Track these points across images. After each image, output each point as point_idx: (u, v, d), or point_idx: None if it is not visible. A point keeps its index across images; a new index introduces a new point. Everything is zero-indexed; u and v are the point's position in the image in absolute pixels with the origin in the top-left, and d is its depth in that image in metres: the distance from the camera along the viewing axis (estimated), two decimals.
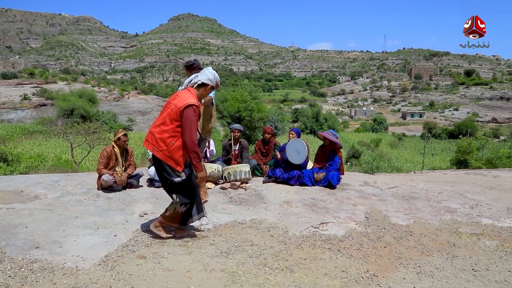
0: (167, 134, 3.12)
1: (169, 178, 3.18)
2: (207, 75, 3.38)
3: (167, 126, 3.12)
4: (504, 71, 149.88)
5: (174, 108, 3.12)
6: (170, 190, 3.27)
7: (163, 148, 3.11)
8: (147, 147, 3.23)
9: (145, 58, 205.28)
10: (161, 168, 3.19)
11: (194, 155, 3.14)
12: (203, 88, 3.37)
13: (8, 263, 2.73)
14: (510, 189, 5.68)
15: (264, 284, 2.57)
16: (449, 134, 66.51)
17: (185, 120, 3.09)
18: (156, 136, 3.15)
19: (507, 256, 3.29)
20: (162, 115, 3.21)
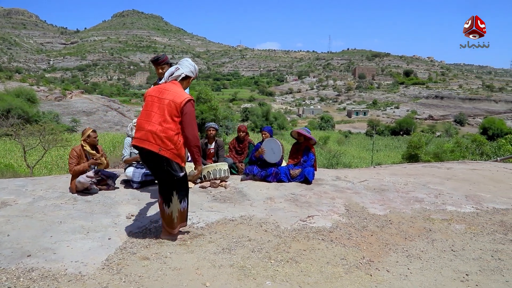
0: (172, 132, 3.03)
1: (175, 175, 3.12)
2: (188, 67, 3.31)
3: (169, 123, 3.04)
4: (438, 72, 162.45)
5: (172, 104, 3.04)
6: (171, 187, 3.17)
7: (171, 147, 3.03)
8: (151, 148, 3.03)
9: (87, 55, 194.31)
10: (167, 166, 3.08)
11: (197, 149, 3.14)
12: (186, 81, 3.34)
13: (2, 274, 2.57)
14: (463, 179, 6.29)
15: (275, 275, 2.67)
16: (391, 131, 70.90)
17: (187, 115, 3.06)
18: (160, 135, 3.02)
19: (476, 237, 3.69)
20: (155, 111, 3.07)
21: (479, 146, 11.89)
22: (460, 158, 11.18)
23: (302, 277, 2.66)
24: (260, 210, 4.27)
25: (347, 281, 2.64)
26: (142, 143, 3.08)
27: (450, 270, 2.91)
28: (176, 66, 3.30)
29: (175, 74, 3.25)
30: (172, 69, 3.30)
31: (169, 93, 3.10)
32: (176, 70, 3.26)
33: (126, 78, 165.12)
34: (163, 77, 4.19)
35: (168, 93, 3.10)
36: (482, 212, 4.54)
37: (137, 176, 5.04)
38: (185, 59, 3.37)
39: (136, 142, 3.12)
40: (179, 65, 3.31)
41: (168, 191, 3.19)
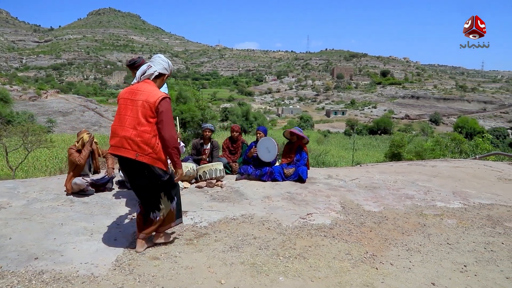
0: (148, 134, 2.81)
1: (159, 179, 2.92)
2: (161, 64, 3.07)
3: (144, 126, 2.80)
4: (414, 72, 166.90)
5: (146, 104, 2.80)
6: (158, 191, 2.98)
7: (149, 151, 2.80)
8: (127, 154, 2.79)
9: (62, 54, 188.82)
10: (148, 173, 2.86)
11: (175, 151, 2.91)
12: (160, 79, 3.09)
13: (13, 277, 2.53)
14: (449, 176, 6.56)
15: (287, 271, 2.75)
16: (369, 130, 72.31)
17: (162, 114, 2.83)
18: (136, 140, 2.78)
19: (467, 231, 3.89)
20: (129, 114, 2.84)
21: (458, 144, 12.40)
22: (440, 156, 11.59)
23: (312, 272, 2.75)
24: (259, 209, 4.34)
25: (355, 275, 2.74)
26: (118, 150, 2.85)
27: (449, 262, 3.06)
28: (148, 64, 3.06)
29: (147, 72, 3.00)
30: (144, 67, 3.04)
31: (142, 94, 2.86)
32: (148, 68, 3.02)
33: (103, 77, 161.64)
34: None
35: (141, 93, 2.87)
36: (469, 208, 4.76)
37: None
38: (157, 55, 3.14)
39: (112, 150, 2.90)
40: (151, 62, 3.08)
41: (156, 195, 2.99)
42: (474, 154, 11.74)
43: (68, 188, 4.64)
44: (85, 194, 4.63)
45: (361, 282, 2.64)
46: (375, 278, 2.71)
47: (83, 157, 4.66)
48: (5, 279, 2.51)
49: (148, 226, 3.03)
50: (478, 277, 2.81)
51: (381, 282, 2.66)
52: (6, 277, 2.53)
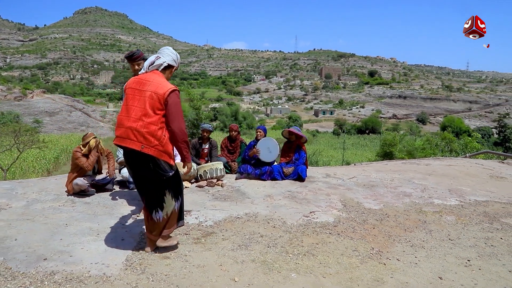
0: (154, 126, 2.73)
1: (164, 174, 2.83)
2: (170, 55, 3.01)
3: (151, 117, 2.73)
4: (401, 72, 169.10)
5: (154, 96, 2.74)
6: (162, 187, 2.89)
7: (155, 143, 2.72)
8: (132, 146, 2.72)
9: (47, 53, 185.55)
10: (154, 166, 2.78)
11: (185, 145, 2.86)
12: (169, 71, 3.02)
13: (24, 278, 2.51)
14: (443, 174, 6.69)
15: (298, 268, 2.78)
16: (358, 129, 73.00)
17: (172, 106, 2.77)
18: (142, 131, 2.70)
19: (467, 227, 3.99)
20: (136, 105, 2.77)
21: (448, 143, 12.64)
22: (431, 155, 11.80)
23: (322, 269, 2.79)
24: (262, 208, 4.37)
25: (365, 270, 2.80)
26: (123, 141, 2.77)
27: (453, 257, 3.14)
28: (157, 55, 3.00)
29: (156, 63, 2.94)
30: (152, 58, 2.98)
31: (151, 84, 2.79)
32: (157, 59, 2.96)
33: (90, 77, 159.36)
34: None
35: (150, 84, 2.80)
36: (466, 204, 4.87)
37: None
38: (166, 47, 3.10)
39: (117, 141, 2.81)
40: (160, 54, 3.01)
41: (160, 192, 2.90)
42: (464, 153, 11.99)
43: (69, 188, 4.59)
44: (86, 194, 4.59)
45: (371, 277, 2.69)
46: (384, 273, 2.77)
47: (91, 163, 4.62)
48: (16, 280, 2.48)
49: (153, 227, 2.96)
50: (482, 271, 2.89)
51: (391, 277, 2.72)
52: (17, 278, 2.51)
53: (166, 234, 3.01)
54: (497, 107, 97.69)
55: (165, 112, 2.77)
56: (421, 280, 2.69)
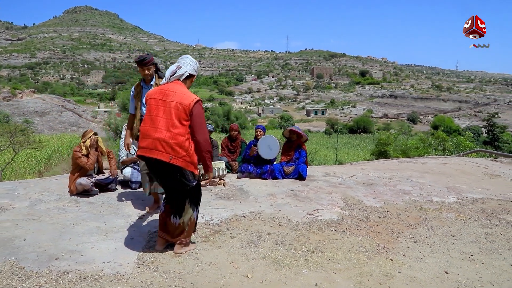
0: (182, 137, 2.75)
1: (188, 184, 2.86)
2: (191, 64, 3.05)
3: (178, 128, 2.74)
4: (392, 72, 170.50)
5: (180, 106, 2.75)
6: (184, 196, 2.93)
7: (183, 154, 2.74)
8: (161, 157, 2.72)
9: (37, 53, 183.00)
10: (180, 176, 2.81)
11: (208, 155, 2.91)
12: (190, 80, 3.06)
13: (38, 278, 2.52)
14: (439, 172, 6.82)
15: (308, 264, 2.84)
16: (349, 129, 73.49)
17: (197, 117, 2.79)
18: (170, 142, 2.72)
19: (466, 223, 4.09)
20: (161, 116, 2.78)
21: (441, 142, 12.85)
22: (425, 154, 11.98)
23: (332, 264, 2.85)
24: (266, 206, 4.41)
25: (373, 266, 2.87)
26: (150, 152, 2.76)
27: (456, 252, 3.23)
28: (177, 65, 3.02)
29: (177, 73, 2.96)
30: (173, 67, 3.00)
31: (175, 95, 2.81)
32: (178, 68, 2.98)
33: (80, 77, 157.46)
34: (150, 79, 4.07)
35: (174, 94, 2.81)
36: (464, 202, 4.98)
37: (135, 177, 5.00)
38: (186, 56, 3.10)
39: (143, 152, 2.80)
40: (180, 63, 3.04)
41: (181, 201, 2.94)
42: (457, 152, 12.19)
43: (72, 188, 4.59)
44: (89, 194, 4.59)
45: (380, 272, 2.76)
46: (392, 268, 2.84)
47: (92, 162, 4.63)
48: (31, 280, 2.50)
49: (168, 229, 3.00)
50: (485, 265, 2.98)
51: (398, 272, 2.79)
52: (31, 278, 2.52)
53: (185, 242, 3.02)
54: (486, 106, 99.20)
55: (190, 122, 2.80)
56: (428, 275, 2.76)
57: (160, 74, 4.20)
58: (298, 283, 2.54)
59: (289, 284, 2.52)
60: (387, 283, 2.60)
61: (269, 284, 2.52)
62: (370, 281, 2.62)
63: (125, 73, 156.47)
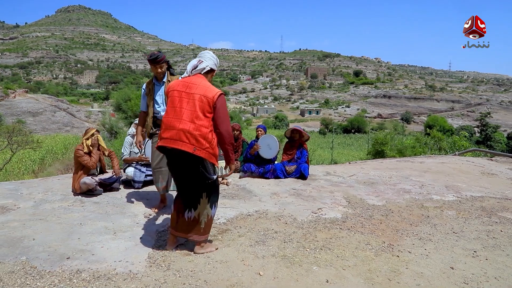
0: (206, 129, 2.79)
1: (208, 177, 2.90)
2: (212, 59, 3.10)
3: (202, 120, 2.78)
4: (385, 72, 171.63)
5: (204, 99, 2.79)
6: (202, 189, 2.92)
7: (206, 146, 2.78)
8: (185, 148, 2.74)
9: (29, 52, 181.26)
10: (202, 168, 2.83)
11: (231, 147, 2.96)
12: (210, 74, 3.11)
13: (52, 277, 2.54)
14: (438, 171, 6.91)
15: (318, 261, 2.89)
16: (344, 129, 73.80)
17: (220, 110, 2.84)
18: (194, 134, 2.75)
19: (468, 220, 4.16)
20: (185, 108, 2.81)
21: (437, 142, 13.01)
22: (421, 153, 12.11)
23: (341, 262, 2.90)
24: (271, 205, 4.46)
25: (380, 262, 2.92)
26: (174, 143, 2.78)
27: (460, 249, 3.30)
28: (199, 59, 3.07)
29: (199, 67, 3.01)
30: (194, 62, 3.06)
31: (198, 88, 2.85)
32: (200, 63, 3.03)
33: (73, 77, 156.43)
34: (162, 76, 4.09)
35: (197, 87, 2.86)
36: (463, 200, 5.07)
37: (138, 176, 5.02)
38: (206, 52, 3.15)
39: (166, 143, 2.82)
40: (201, 58, 3.08)
41: (197, 194, 2.94)
42: (453, 151, 12.33)
43: (76, 187, 4.59)
44: (93, 194, 4.60)
45: (388, 268, 2.82)
46: (399, 264, 2.90)
47: (94, 161, 4.65)
48: (44, 279, 2.51)
49: (181, 226, 3.01)
50: (489, 261, 3.05)
51: (406, 268, 2.85)
52: (45, 277, 2.54)
53: (202, 240, 3.02)
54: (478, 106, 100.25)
55: (213, 115, 2.84)
56: (435, 270, 2.82)
57: (171, 71, 4.21)
58: (310, 280, 2.58)
59: (301, 281, 2.56)
60: (396, 279, 2.65)
61: (281, 280, 2.56)
62: (379, 277, 2.67)
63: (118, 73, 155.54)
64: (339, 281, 2.58)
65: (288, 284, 2.52)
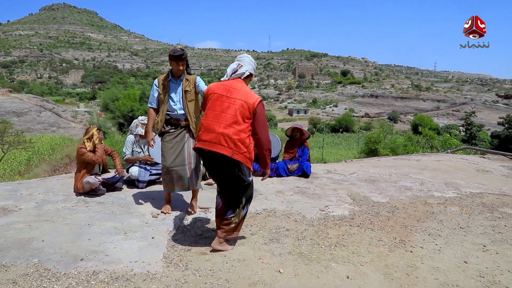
0: (244, 134, 2.84)
1: (245, 180, 2.96)
2: (251, 64, 3.13)
3: (241, 125, 2.84)
4: (372, 72, 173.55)
5: (245, 104, 2.85)
6: (240, 191, 2.99)
7: (244, 150, 2.84)
8: (224, 151, 2.79)
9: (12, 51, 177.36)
10: (238, 171, 2.88)
11: (268, 152, 3.02)
12: (248, 79, 3.14)
13: (68, 279, 2.48)
14: (435, 169, 7.02)
15: (335, 258, 2.90)
16: (332, 128, 74.32)
17: (260, 116, 2.90)
18: (233, 138, 2.80)
19: (471, 216, 4.23)
20: (226, 112, 2.85)
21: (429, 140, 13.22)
22: (413, 151, 12.29)
23: (357, 258, 2.92)
24: (278, 203, 4.46)
25: (396, 258, 2.95)
26: (213, 146, 2.82)
27: (469, 243, 3.35)
28: (238, 63, 3.09)
29: (239, 71, 3.04)
30: (233, 65, 3.09)
31: (239, 93, 2.91)
32: (239, 67, 3.06)
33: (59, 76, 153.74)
34: (180, 74, 3.98)
35: (238, 92, 2.91)
36: (464, 196, 5.15)
37: (142, 176, 4.95)
38: (245, 55, 3.18)
39: (205, 145, 2.86)
40: (240, 62, 3.10)
41: (237, 197, 3.01)
42: (444, 149, 12.55)
43: (79, 187, 4.51)
44: (96, 194, 4.52)
45: (404, 263, 2.84)
46: (414, 260, 2.93)
47: (99, 155, 4.58)
48: (61, 281, 2.46)
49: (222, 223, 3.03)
50: (500, 255, 3.11)
51: (421, 263, 2.88)
52: (61, 279, 2.48)
53: (232, 237, 3.06)
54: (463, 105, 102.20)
55: (252, 121, 2.90)
56: (449, 265, 2.86)
57: (188, 70, 4.12)
58: (330, 276, 2.59)
59: (322, 278, 2.57)
60: (414, 274, 2.68)
61: (302, 277, 2.56)
62: (397, 272, 2.70)
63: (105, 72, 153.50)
64: (359, 277, 2.59)
65: (310, 281, 2.52)
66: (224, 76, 3.12)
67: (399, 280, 2.57)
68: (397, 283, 2.54)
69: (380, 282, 2.54)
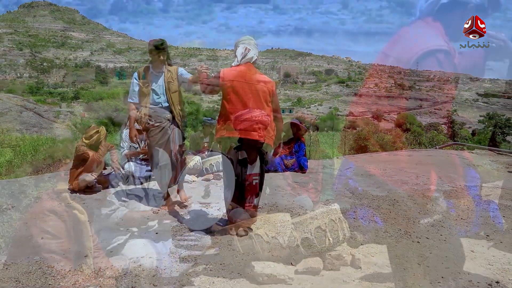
0: (270, 118, 2.92)
1: (267, 163, 3.15)
2: (256, 48, 3.11)
3: (266, 109, 2.91)
4: (356, 71, 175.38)
5: (265, 89, 2.91)
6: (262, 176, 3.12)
7: (272, 134, 2.96)
8: (258, 138, 2.87)
9: None
10: (265, 156, 3.03)
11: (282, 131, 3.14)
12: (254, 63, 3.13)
13: (74, 276, 2.45)
14: (428, 163, 7.11)
15: (344, 249, 2.90)
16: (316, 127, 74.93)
17: (276, 97, 3.01)
18: (264, 124, 2.89)
19: (470, 208, 4.29)
20: (250, 98, 2.88)
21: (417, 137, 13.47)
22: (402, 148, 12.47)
23: (367, 249, 2.92)
24: (278, 197, 4.42)
25: (404, 248, 2.95)
26: (249, 134, 2.87)
27: (473, 233, 3.39)
28: (245, 46, 3.03)
29: (248, 55, 3.01)
30: (241, 50, 3.03)
31: (256, 78, 2.95)
32: (248, 51, 3.02)
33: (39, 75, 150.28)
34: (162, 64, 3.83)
35: (255, 77, 2.94)
36: (459, 189, 5.21)
37: (139, 171, 4.85)
38: (249, 38, 3.12)
39: (242, 134, 2.90)
40: (247, 45, 3.05)
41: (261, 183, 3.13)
42: (432, 146, 12.78)
43: (74, 185, 4.37)
44: (92, 191, 4.40)
45: (414, 254, 2.85)
46: (423, 250, 2.95)
47: (102, 153, 4.42)
48: (67, 279, 2.38)
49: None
50: (504, 244, 3.16)
51: (430, 253, 2.89)
52: (67, 277, 2.40)
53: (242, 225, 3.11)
54: (445, 104, 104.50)
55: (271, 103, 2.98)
56: (458, 254, 2.89)
57: (169, 61, 4.01)
58: (342, 267, 2.57)
59: (334, 268, 2.54)
60: (425, 263, 2.69)
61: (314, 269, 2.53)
62: (409, 262, 2.70)
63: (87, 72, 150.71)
64: (372, 266, 2.58)
65: (324, 272, 2.50)
66: (234, 61, 3.05)
67: (412, 270, 2.58)
68: (410, 273, 2.54)
69: (393, 272, 2.54)
